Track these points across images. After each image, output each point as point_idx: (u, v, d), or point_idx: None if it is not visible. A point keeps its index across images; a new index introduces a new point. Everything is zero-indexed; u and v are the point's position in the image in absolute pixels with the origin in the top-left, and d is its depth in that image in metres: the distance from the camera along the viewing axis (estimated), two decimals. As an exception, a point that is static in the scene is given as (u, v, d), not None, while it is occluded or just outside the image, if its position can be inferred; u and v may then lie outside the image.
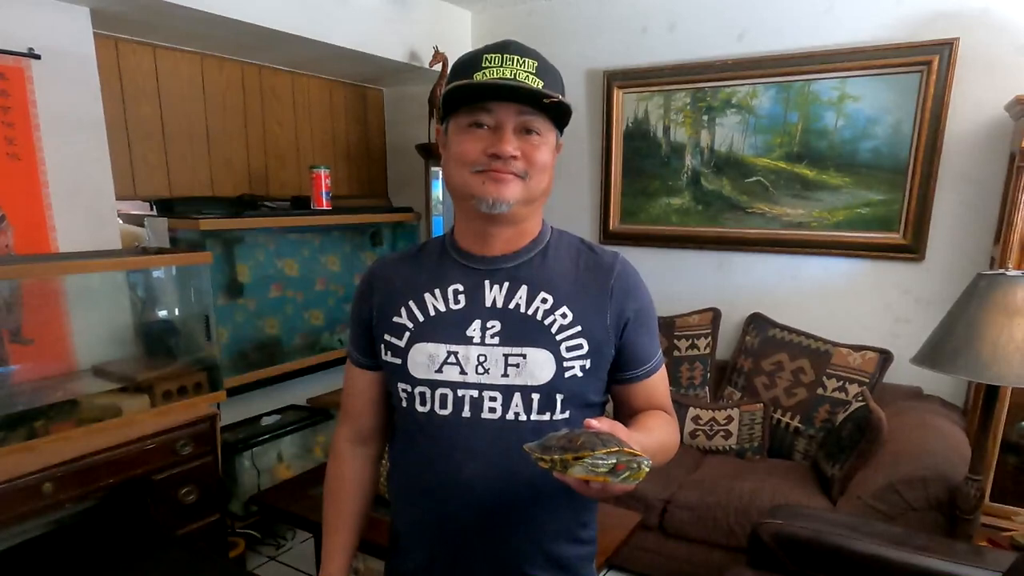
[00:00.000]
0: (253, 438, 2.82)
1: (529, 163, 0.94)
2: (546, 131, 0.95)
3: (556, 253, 1.03)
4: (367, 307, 1.06)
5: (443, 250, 1.05)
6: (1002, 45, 2.45)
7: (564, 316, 0.96)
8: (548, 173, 0.97)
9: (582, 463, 0.74)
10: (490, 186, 0.93)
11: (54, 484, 1.84)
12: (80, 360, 2.24)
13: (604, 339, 0.98)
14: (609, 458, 0.74)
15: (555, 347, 0.95)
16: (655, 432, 0.96)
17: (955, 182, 2.61)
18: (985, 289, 1.72)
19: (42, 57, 2.09)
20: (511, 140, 0.92)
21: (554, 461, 0.75)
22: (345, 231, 3.31)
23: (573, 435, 0.78)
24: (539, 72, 0.93)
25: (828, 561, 1.71)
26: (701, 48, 3.02)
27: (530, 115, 0.93)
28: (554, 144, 0.98)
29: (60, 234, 2.20)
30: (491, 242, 1.00)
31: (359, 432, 1.14)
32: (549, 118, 0.95)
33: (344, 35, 2.80)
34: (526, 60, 0.92)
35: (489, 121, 0.93)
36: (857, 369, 2.66)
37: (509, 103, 0.92)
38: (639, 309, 1.01)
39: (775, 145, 2.92)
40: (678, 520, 2.40)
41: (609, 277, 1.00)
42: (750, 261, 3.09)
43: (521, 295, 0.98)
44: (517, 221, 0.99)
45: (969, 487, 1.86)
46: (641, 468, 0.76)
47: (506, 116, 0.92)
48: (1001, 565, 1.55)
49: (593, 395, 1.01)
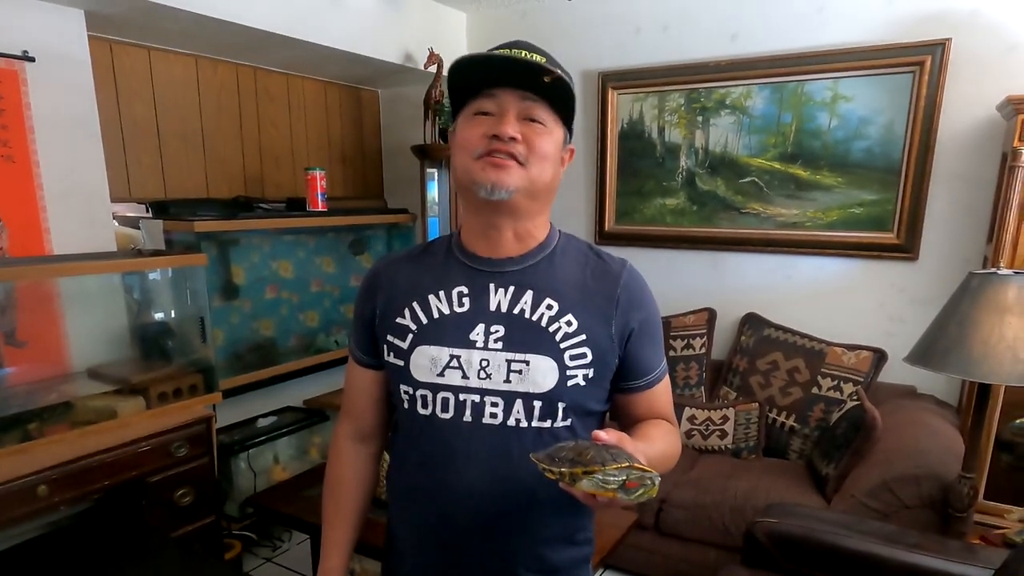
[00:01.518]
0: (249, 440, 2.81)
1: (530, 148, 0.92)
2: (551, 123, 0.94)
3: (563, 259, 1.02)
4: (370, 306, 1.05)
5: (449, 250, 1.04)
6: (993, 46, 2.47)
7: (569, 324, 0.96)
8: (551, 165, 0.96)
9: (591, 478, 0.73)
10: (490, 171, 0.92)
11: (49, 486, 1.83)
12: (75, 362, 2.24)
13: (608, 348, 0.97)
14: (620, 474, 0.73)
15: (559, 355, 0.95)
16: (657, 442, 0.95)
17: (948, 182, 2.63)
18: (976, 288, 1.73)
19: (36, 59, 2.09)
20: (512, 122, 0.92)
21: (562, 474, 0.75)
22: (340, 233, 3.31)
23: (582, 448, 0.77)
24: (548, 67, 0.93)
25: (822, 559, 1.72)
26: (695, 49, 3.03)
27: (533, 102, 0.93)
28: (560, 140, 0.97)
29: (55, 236, 2.20)
30: (497, 242, 0.99)
31: (360, 430, 1.14)
32: (556, 112, 0.94)
33: (338, 37, 2.80)
34: (534, 55, 0.92)
35: (493, 108, 0.93)
36: (851, 368, 2.67)
37: (512, 89, 0.92)
38: (644, 320, 1.00)
39: (769, 145, 2.93)
40: (674, 519, 2.41)
41: (616, 286, 0.99)
42: (745, 261, 3.10)
43: (526, 300, 0.97)
44: (520, 214, 0.98)
45: (962, 485, 1.87)
46: (654, 485, 0.75)
47: (509, 101, 0.92)
48: (993, 563, 1.56)
49: (595, 403, 1.00)
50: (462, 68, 0.94)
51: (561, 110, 0.95)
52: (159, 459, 2.11)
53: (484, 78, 0.93)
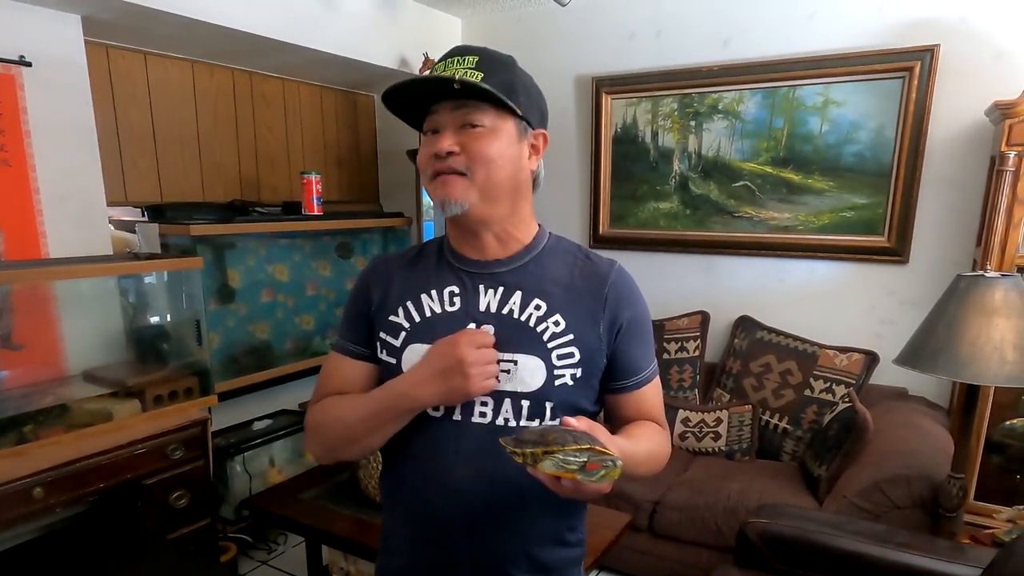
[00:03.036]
0: (244, 442, 2.82)
1: (469, 156, 0.93)
2: (494, 122, 0.94)
3: (552, 260, 1.02)
4: (364, 297, 1.06)
5: (440, 252, 1.06)
6: (981, 52, 2.50)
7: (557, 324, 0.96)
8: (502, 164, 0.94)
9: (552, 458, 0.75)
10: (439, 189, 0.95)
11: (45, 489, 1.84)
12: (71, 365, 2.24)
13: (596, 348, 0.98)
14: (580, 455, 0.74)
15: (546, 355, 0.96)
16: (642, 441, 0.96)
17: (938, 186, 2.66)
18: (964, 290, 1.75)
19: (33, 64, 2.10)
20: (448, 137, 0.93)
21: (525, 455, 0.76)
22: (336, 237, 3.32)
23: (547, 430, 0.79)
24: (480, 65, 0.93)
25: (813, 559, 1.74)
26: (687, 55, 3.06)
27: (468, 108, 0.93)
28: (511, 134, 0.96)
29: (51, 240, 2.21)
30: (480, 247, 1.01)
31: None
32: (502, 108, 0.94)
33: (334, 42, 2.81)
34: (467, 57, 0.94)
35: (436, 124, 0.95)
36: (843, 370, 2.70)
37: (446, 101, 0.93)
38: (632, 318, 1.01)
39: (761, 150, 2.96)
40: (667, 521, 2.42)
41: (604, 285, 1.00)
42: (737, 264, 3.12)
43: (515, 301, 0.98)
44: (488, 220, 0.98)
45: (952, 486, 1.88)
46: (616, 467, 0.76)
47: (444, 116, 0.94)
48: (982, 562, 1.57)
49: (584, 403, 1.00)
50: (393, 99, 0.97)
51: (501, 103, 0.92)
52: (155, 462, 2.12)
53: (421, 97, 0.96)
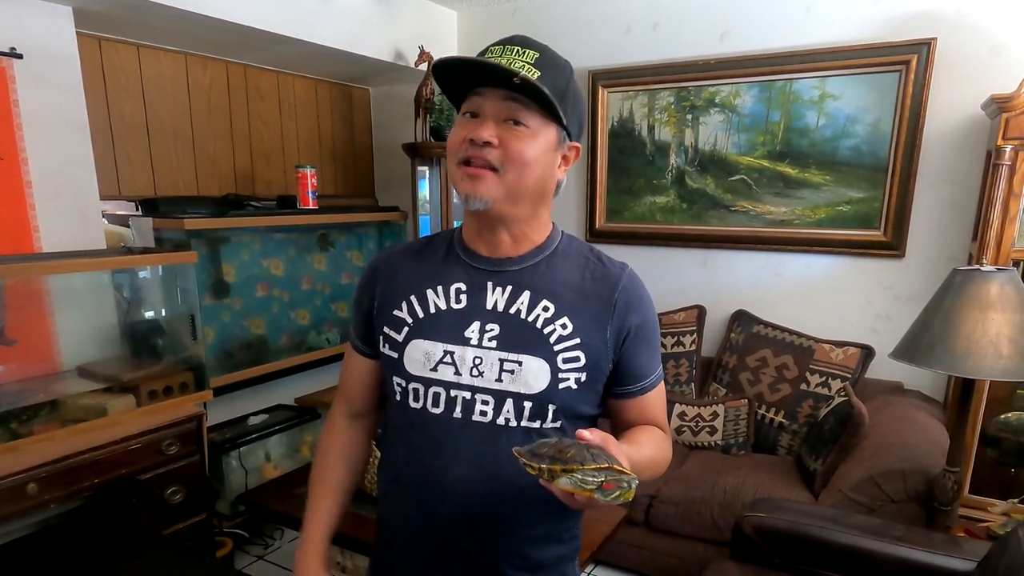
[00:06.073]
0: (240, 437, 2.81)
1: (506, 154, 0.90)
2: (537, 125, 0.91)
3: (563, 261, 1.01)
4: (368, 296, 1.06)
5: (450, 247, 1.04)
6: (977, 45, 2.49)
7: (564, 327, 0.95)
8: (535, 169, 0.93)
9: (570, 476, 0.73)
10: (466, 182, 0.92)
11: (39, 484, 1.83)
12: (65, 360, 2.23)
13: (602, 353, 0.97)
14: (598, 475, 0.73)
15: (551, 357, 0.94)
16: (645, 448, 0.95)
17: (934, 180, 2.65)
18: (960, 284, 1.75)
19: (24, 56, 2.08)
20: (489, 126, 0.90)
21: (542, 470, 0.75)
22: (331, 230, 3.31)
23: (563, 445, 0.77)
24: (539, 63, 0.90)
25: (808, 552, 1.75)
26: (684, 48, 3.05)
27: (518, 104, 0.90)
28: (551, 141, 0.94)
29: (44, 234, 2.19)
30: (494, 244, 0.99)
31: (353, 410, 1.17)
32: (549, 115, 0.91)
33: (329, 35, 2.80)
34: (527, 51, 0.91)
35: (479, 109, 0.92)
36: (839, 365, 2.70)
37: (496, 89, 0.90)
38: (641, 324, 0.99)
39: (758, 144, 2.95)
40: (663, 515, 2.43)
41: (614, 290, 0.98)
42: (734, 258, 3.12)
43: (523, 301, 0.97)
44: (508, 219, 0.96)
45: (946, 479, 1.89)
46: (631, 488, 0.75)
47: (491, 102, 0.91)
48: (977, 555, 1.58)
49: (587, 407, 1.00)
50: (444, 70, 0.93)
51: (553, 110, 0.90)
52: (150, 457, 2.11)
53: (472, 77, 0.92)
